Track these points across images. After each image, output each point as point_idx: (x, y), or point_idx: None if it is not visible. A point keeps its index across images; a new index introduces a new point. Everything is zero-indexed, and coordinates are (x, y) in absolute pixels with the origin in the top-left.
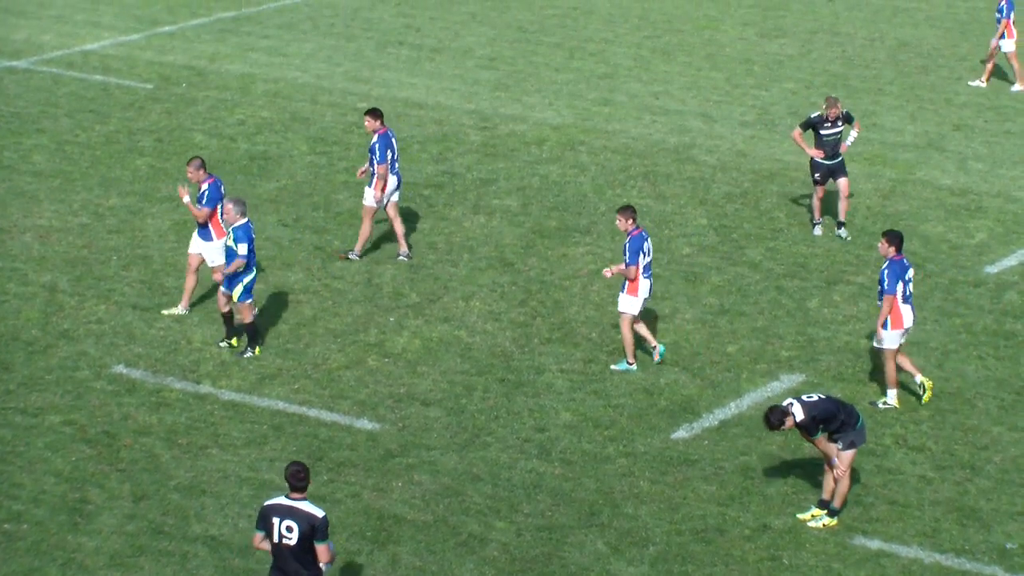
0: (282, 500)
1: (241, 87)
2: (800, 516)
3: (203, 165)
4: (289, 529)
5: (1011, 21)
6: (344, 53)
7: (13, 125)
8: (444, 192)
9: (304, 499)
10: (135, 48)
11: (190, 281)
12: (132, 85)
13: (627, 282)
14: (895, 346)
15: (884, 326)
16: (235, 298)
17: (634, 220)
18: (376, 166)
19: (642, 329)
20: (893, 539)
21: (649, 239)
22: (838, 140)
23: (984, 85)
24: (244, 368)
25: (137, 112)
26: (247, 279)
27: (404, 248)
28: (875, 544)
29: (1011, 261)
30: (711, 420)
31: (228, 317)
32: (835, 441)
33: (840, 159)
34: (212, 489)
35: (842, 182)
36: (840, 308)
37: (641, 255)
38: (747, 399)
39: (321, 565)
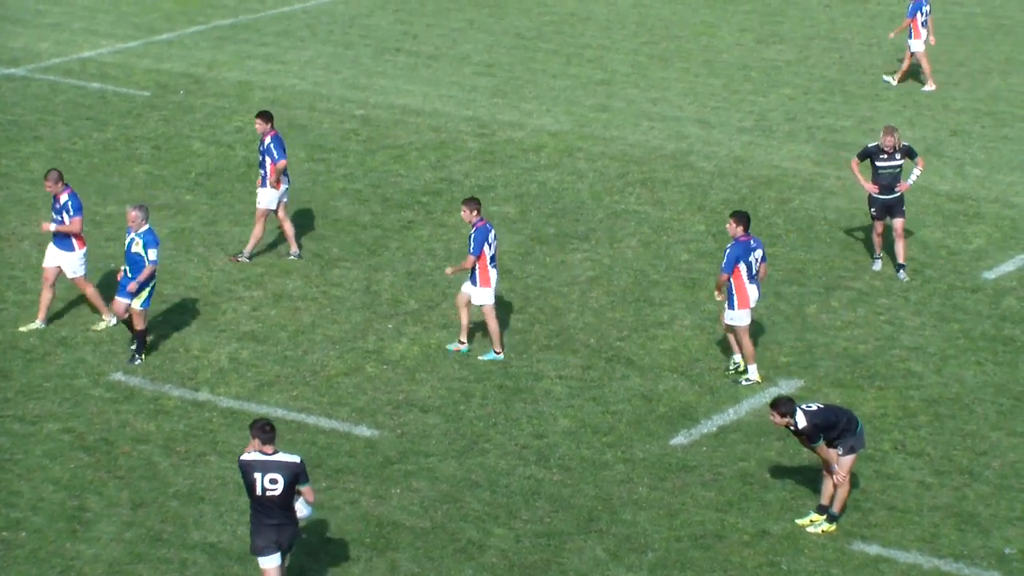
0: (257, 456)
1: (239, 94)
2: (799, 522)
3: (61, 177)
4: (274, 481)
5: (916, 21)
6: (342, 60)
7: (11, 133)
8: (442, 199)
9: (277, 451)
10: (132, 56)
11: (46, 295)
12: (130, 93)
13: (477, 275)
14: (747, 322)
15: (732, 306)
16: (138, 305)
17: (478, 212)
18: (276, 162)
19: (466, 318)
20: (892, 544)
21: (493, 231)
22: (895, 174)
23: (894, 83)
24: (242, 375)
25: (135, 120)
26: (150, 285)
27: (295, 248)
28: (874, 549)
29: (1009, 267)
30: (709, 426)
31: (127, 323)
32: (835, 447)
33: (897, 195)
34: (210, 496)
35: (897, 222)
36: (838, 314)
37: (486, 246)
38: (745, 405)
39: (307, 504)
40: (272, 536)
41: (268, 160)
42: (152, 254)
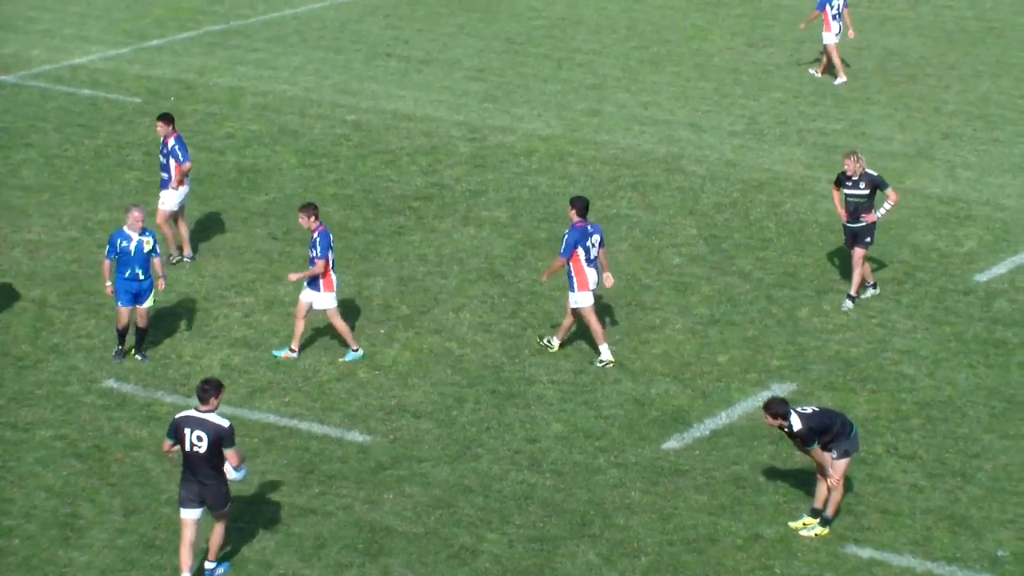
0: (193, 412)
1: (230, 100)
2: (792, 525)
3: None
4: (199, 438)
5: (827, 14)
6: (332, 65)
7: (2, 140)
8: (433, 204)
9: (212, 411)
10: (123, 62)
11: None
12: (121, 99)
13: (321, 280)
14: (591, 303)
15: (573, 288)
16: (151, 303)
17: (316, 217)
18: (181, 164)
19: (302, 326)
20: (885, 547)
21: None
22: (859, 203)
23: (842, 79)
24: (235, 381)
25: (126, 126)
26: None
27: (189, 251)
28: (867, 553)
29: (1000, 269)
30: (702, 430)
31: (125, 332)
32: (829, 450)
33: (864, 224)
34: None
35: (857, 251)
36: (830, 317)
37: (330, 250)
38: (738, 409)
39: (234, 467)
40: (195, 491)
41: (172, 162)
42: (158, 247)
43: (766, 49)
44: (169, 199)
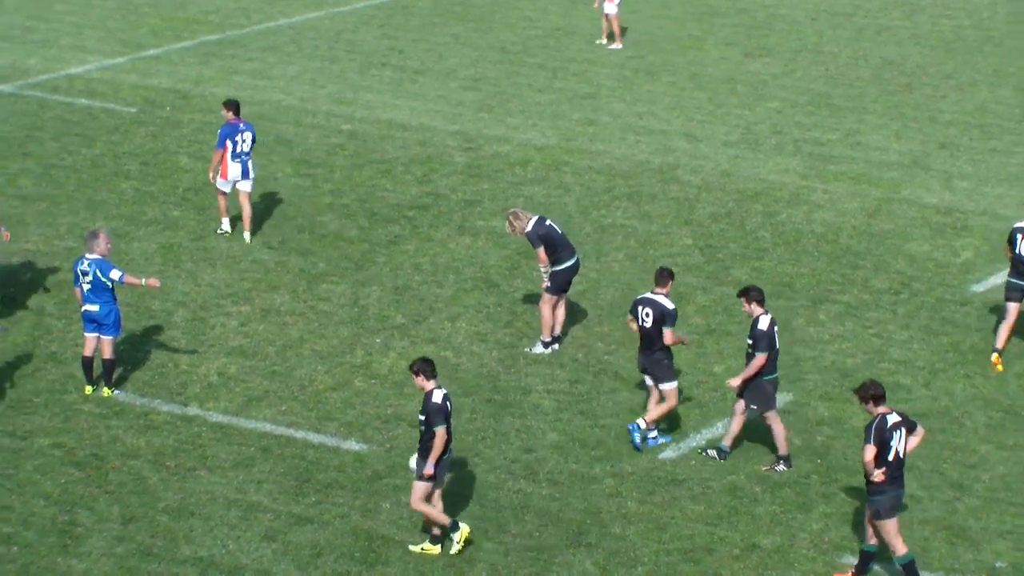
0: (648, 293)
1: None
2: (412, 548)
3: None
4: (647, 315)
5: None
6: (328, 75)
7: None
8: (429, 213)
9: (663, 294)
10: (120, 72)
11: None
12: (117, 108)
13: None
14: (228, 190)
15: (218, 175)
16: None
17: None
18: None
19: None
20: (883, 559)
21: None
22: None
23: (618, 46)
24: (231, 390)
25: (122, 135)
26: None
27: None
28: None
29: (997, 279)
30: (699, 440)
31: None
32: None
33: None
34: (200, 511)
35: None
36: (826, 327)
37: None
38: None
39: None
40: (640, 360)
41: None
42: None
43: (762, 59)
44: None
